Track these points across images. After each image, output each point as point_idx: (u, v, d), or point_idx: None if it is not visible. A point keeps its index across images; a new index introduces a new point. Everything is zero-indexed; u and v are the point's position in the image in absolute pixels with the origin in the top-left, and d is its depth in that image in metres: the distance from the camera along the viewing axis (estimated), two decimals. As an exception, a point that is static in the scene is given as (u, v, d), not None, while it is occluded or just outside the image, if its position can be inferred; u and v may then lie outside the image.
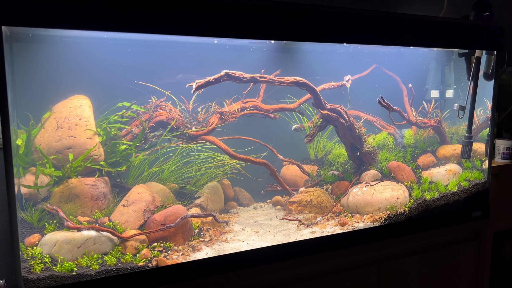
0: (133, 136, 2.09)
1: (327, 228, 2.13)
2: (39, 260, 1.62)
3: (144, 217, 1.91)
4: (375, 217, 2.21)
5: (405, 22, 2.11)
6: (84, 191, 1.90)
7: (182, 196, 2.23)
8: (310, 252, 2.04)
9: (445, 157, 2.63)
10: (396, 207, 2.27)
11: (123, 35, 1.93)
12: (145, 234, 1.84)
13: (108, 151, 2.03)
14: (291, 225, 2.16)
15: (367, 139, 2.37)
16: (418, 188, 2.37)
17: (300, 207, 2.27)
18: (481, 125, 2.68)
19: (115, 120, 2.07)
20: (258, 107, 2.28)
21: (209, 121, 2.20)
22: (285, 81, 2.15)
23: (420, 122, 2.60)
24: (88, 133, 1.95)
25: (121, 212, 1.91)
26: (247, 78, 2.06)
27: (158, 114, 2.14)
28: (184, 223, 1.94)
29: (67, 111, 1.96)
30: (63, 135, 1.92)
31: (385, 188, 2.30)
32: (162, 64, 2.20)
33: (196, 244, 1.92)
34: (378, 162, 2.45)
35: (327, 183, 2.44)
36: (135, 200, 1.94)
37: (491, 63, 2.50)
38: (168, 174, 2.23)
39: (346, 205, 2.29)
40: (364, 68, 2.60)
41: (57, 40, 1.93)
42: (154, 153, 2.19)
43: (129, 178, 2.17)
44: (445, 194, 2.40)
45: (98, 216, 1.90)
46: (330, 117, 2.26)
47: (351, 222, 2.19)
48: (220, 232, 2.05)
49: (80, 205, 1.88)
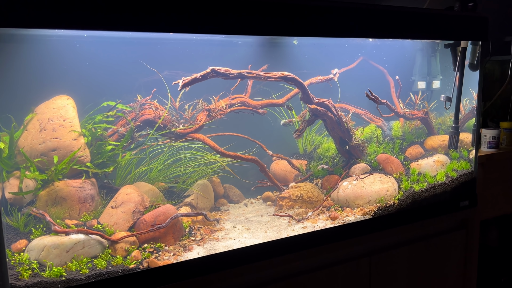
0: (119, 136, 2.05)
1: (318, 223, 2.13)
2: (26, 267, 1.58)
3: (134, 218, 1.88)
4: (365, 210, 2.22)
5: (388, 14, 2.10)
6: (71, 193, 1.86)
7: (171, 195, 2.20)
8: (302, 247, 2.04)
9: (433, 148, 2.65)
10: (385, 199, 2.28)
11: (105, 33, 1.89)
12: (135, 235, 1.82)
13: (94, 152, 1.99)
14: (282, 221, 2.15)
15: (356, 133, 2.36)
16: (407, 180, 2.38)
17: (290, 202, 2.26)
18: (467, 115, 2.70)
19: (100, 120, 2.02)
20: (246, 103, 2.26)
21: (196, 119, 2.17)
22: (272, 77, 2.13)
23: (407, 114, 2.60)
24: (73, 134, 1.90)
25: (110, 214, 1.88)
26: (234, 74, 2.03)
27: (145, 113, 2.10)
28: (175, 223, 1.91)
29: (51, 112, 1.91)
30: (47, 137, 1.87)
31: (374, 181, 2.30)
32: (147, 61, 2.16)
33: (187, 243, 1.90)
34: (367, 155, 2.46)
35: (317, 177, 2.44)
36: (124, 201, 1.91)
37: (476, 53, 2.52)
38: (156, 173, 2.20)
39: (336, 199, 2.30)
40: (351, 61, 2.59)
41: (37, 39, 1.88)
42: (141, 152, 2.16)
43: (116, 178, 2.13)
44: (434, 185, 2.42)
45: (86, 218, 1.87)
46: (319, 112, 2.25)
47: (342, 216, 2.19)
48: (211, 231, 2.03)
49: (67, 208, 1.85)
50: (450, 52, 2.58)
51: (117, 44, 2.06)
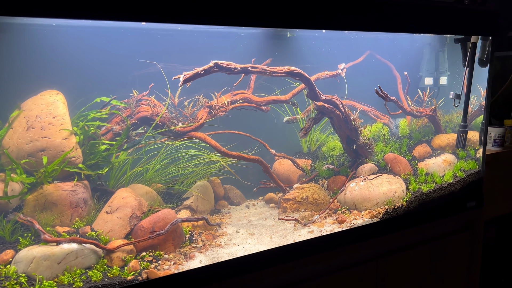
0: (114, 134, 1.89)
1: (325, 227, 2.02)
2: (14, 281, 1.43)
3: (131, 225, 1.74)
4: (373, 213, 2.12)
5: (396, 8, 1.97)
6: (62, 197, 1.71)
7: (169, 198, 2.07)
8: (309, 253, 1.93)
9: (440, 147, 2.55)
10: (394, 201, 2.18)
11: (98, 22, 1.73)
12: (133, 243, 1.68)
13: (87, 152, 1.84)
14: (287, 225, 2.03)
15: (363, 131, 2.25)
16: (415, 181, 2.28)
17: (295, 204, 2.14)
18: (475, 113, 2.61)
19: (93, 117, 1.87)
20: (249, 99, 2.13)
21: (197, 116, 2.03)
22: (278, 71, 2.00)
23: (415, 111, 2.49)
24: (64, 133, 1.75)
25: (105, 220, 1.73)
26: (238, 69, 1.89)
27: (141, 110, 1.95)
28: (175, 229, 1.78)
29: (39, 109, 1.74)
30: (35, 136, 1.71)
31: (382, 182, 2.20)
32: (141, 52, 2.00)
33: (189, 251, 1.77)
34: (374, 155, 2.35)
35: (322, 178, 2.32)
36: (120, 206, 1.76)
37: (486, 48, 2.42)
38: (153, 174, 2.06)
39: (343, 201, 2.19)
40: (357, 55, 2.47)
41: (22, 29, 1.71)
42: (137, 151, 2.01)
43: (110, 180, 1.98)
44: (441, 186, 2.33)
45: (79, 225, 1.72)
46: (326, 109, 2.12)
47: (349, 219, 2.09)
48: (213, 236, 1.90)
49: (58, 214, 1.69)
50: (457, 47, 2.48)
51: (110, 33, 1.90)
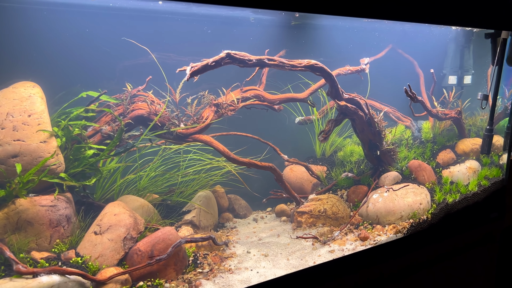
0: (103, 137, 1.57)
1: (346, 245, 1.77)
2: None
3: (125, 248, 1.44)
4: (398, 228, 1.87)
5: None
6: (39, 215, 1.39)
7: (167, 211, 1.76)
8: (332, 277, 1.67)
9: (465, 152, 2.32)
10: (419, 214, 1.94)
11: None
12: (128, 272, 1.37)
13: (70, 158, 1.51)
14: (304, 243, 1.77)
15: (387, 135, 1.99)
16: (440, 191, 2.05)
17: (311, 218, 1.88)
18: (498, 116, 2.40)
19: (77, 115, 1.54)
20: (261, 97, 1.84)
21: (201, 115, 1.73)
22: (297, 65, 1.71)
23: (440, 113, 2.24)
24: (42, 135, 1.42)
25: (93, 243, 1.42)
26: (253, 61, 1.60)
27: (136, 107, 1.63)
28: (177, 251, 1.48)
29: (10, 105, 1.41)
30: (5, 139, 1.38)
31: (407, 193, 1.96)
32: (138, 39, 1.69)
33: (194, 277, 1.48)
34: (397, 162, 2.09)
35: (341, 188, 2.04)
36: (111, 224, 1.45)
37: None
38: (147, 182, 1.75)
39: (365, 214, 1.93)
40: (377, 49, 2.21)
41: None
42: (129, 156, 1.70)
43: (96, 190, 1.66)
44: (466, 196, 2.11)
45: (61, 249, 1.40)
46: (348, 110, 1.86)
47: (372, 235, 1.83)
48: (221, 258, 1.62)
49: (35, 236, 1.38)
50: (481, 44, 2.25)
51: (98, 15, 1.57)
